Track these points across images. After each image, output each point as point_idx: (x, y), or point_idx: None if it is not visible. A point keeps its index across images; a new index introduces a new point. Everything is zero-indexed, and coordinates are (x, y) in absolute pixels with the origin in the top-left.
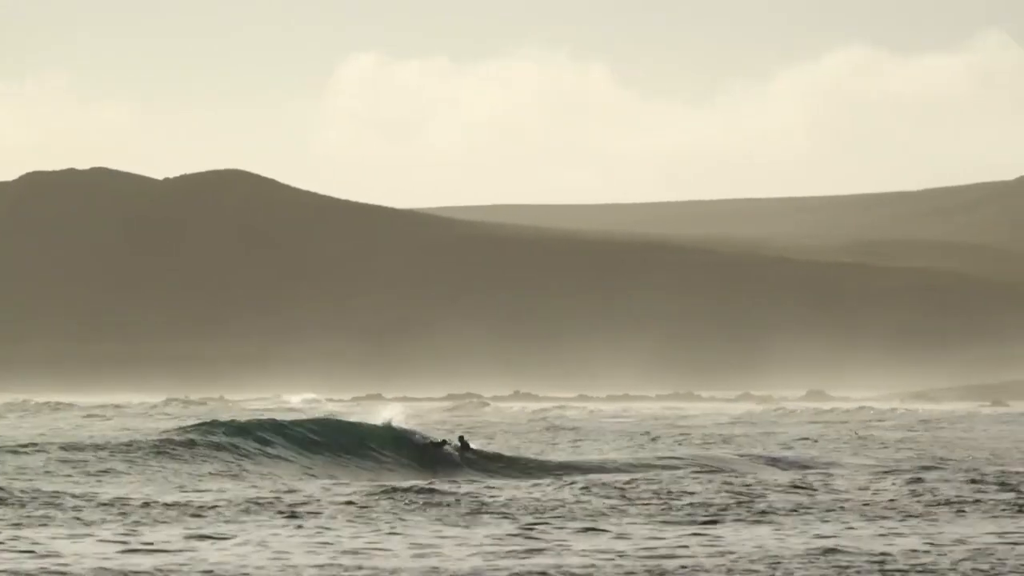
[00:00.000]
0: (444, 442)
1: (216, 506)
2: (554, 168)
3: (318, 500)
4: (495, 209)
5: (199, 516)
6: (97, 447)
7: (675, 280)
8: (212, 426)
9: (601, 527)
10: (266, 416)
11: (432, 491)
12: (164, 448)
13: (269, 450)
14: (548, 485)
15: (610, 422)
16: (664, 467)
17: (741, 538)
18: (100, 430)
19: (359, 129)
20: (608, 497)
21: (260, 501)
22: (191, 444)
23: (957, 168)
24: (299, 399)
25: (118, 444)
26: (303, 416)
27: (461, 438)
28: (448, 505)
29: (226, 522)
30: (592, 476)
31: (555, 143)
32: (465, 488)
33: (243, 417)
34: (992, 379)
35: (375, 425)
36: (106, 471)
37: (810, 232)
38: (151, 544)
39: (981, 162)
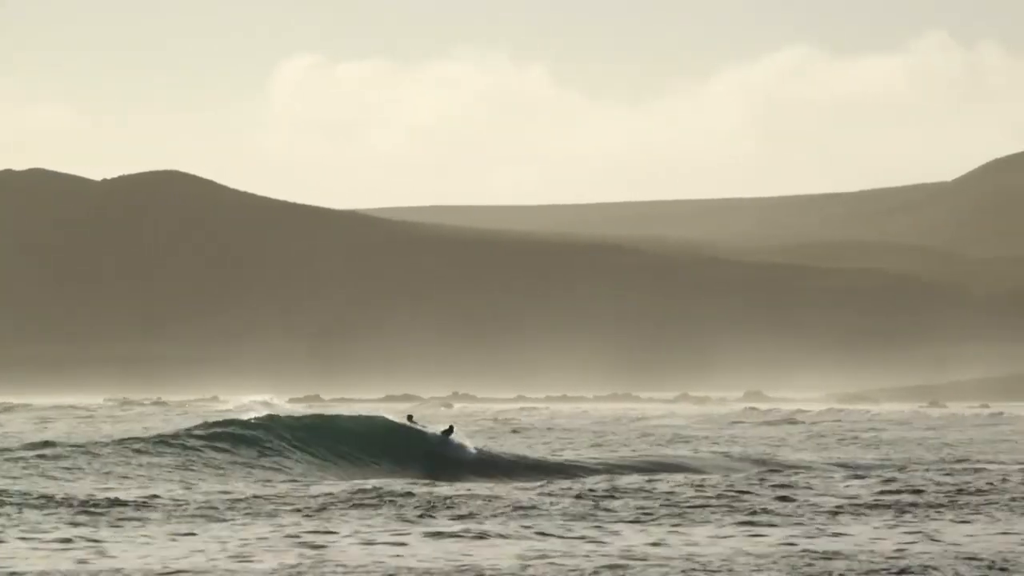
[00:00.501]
0: (450, 428)
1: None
2: (495, 169)
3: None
4: (436, 210)
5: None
6: (148, 442)
7: (615, 281)
8: (226, 424)
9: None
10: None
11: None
12: (195, 445)
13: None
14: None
15: (566, 421)
16: (647, 468)
17: (715, 538)
18: (91, 430)
19: (300, 131)
20: (618, 497)
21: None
22: (203, 440)
23: (896, 169)
24: (249, 400)
25: (164, 439)
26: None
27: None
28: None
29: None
30: (607, 475)
31: (496, 144)
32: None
33: (212, 418)
34: (930, 380)
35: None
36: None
37: (749, 233)
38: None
39: (920, 163)
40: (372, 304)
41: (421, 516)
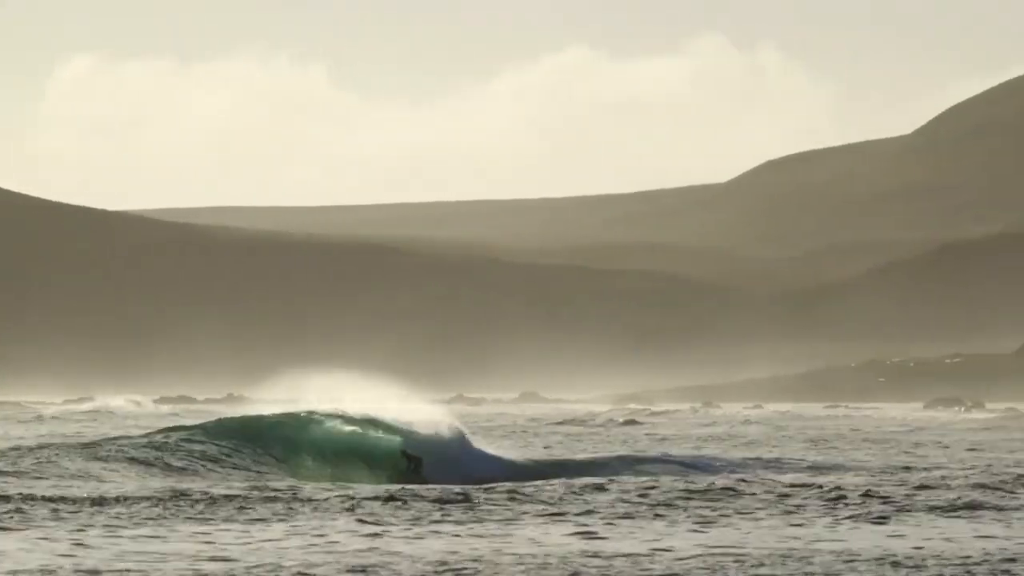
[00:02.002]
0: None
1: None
2: (277, 170)
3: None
4: (219, 211)
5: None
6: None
7: (396, 282)
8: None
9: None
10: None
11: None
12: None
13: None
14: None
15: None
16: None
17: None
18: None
19: (80, 131)
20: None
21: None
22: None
23: (675, 170)
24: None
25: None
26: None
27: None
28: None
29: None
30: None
31: (277, 145)
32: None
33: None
34: (707, 381)
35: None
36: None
37: (529, 234)
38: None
39: (698, 165)
40: (152, 305)
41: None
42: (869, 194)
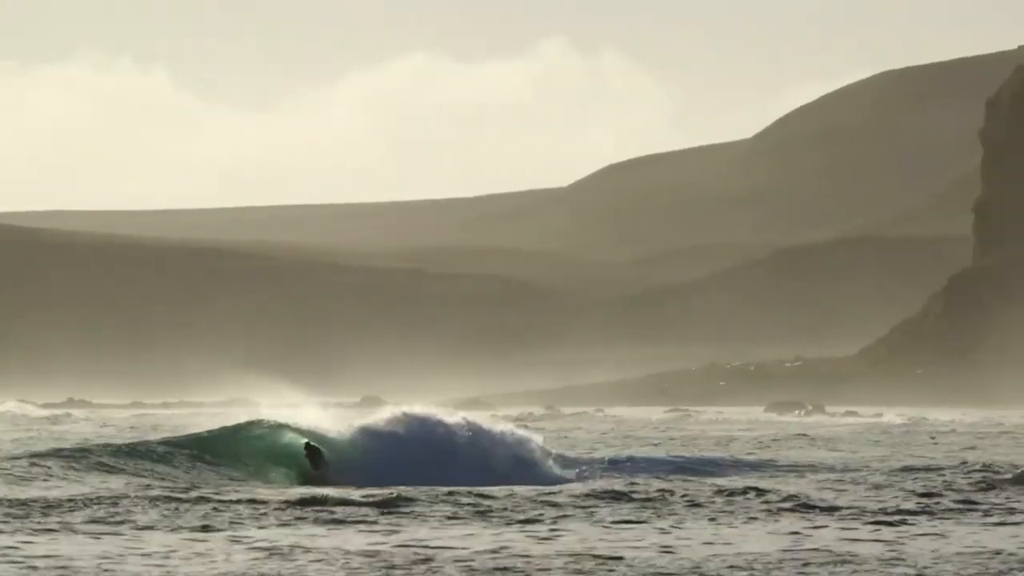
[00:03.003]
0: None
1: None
2: (118, 174)
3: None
4: (58, 215)
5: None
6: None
7: (237, 286)
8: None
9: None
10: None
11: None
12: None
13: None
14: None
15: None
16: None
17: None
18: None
19: None
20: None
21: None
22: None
23: (517, 174)
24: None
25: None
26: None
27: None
28: None
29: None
30: None
31: (117, 148)
32: None
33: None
34: (549, 385)
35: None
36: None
37: (371, 238)
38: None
39: (541, 168)
40: None
41: None
42: (710, 198)
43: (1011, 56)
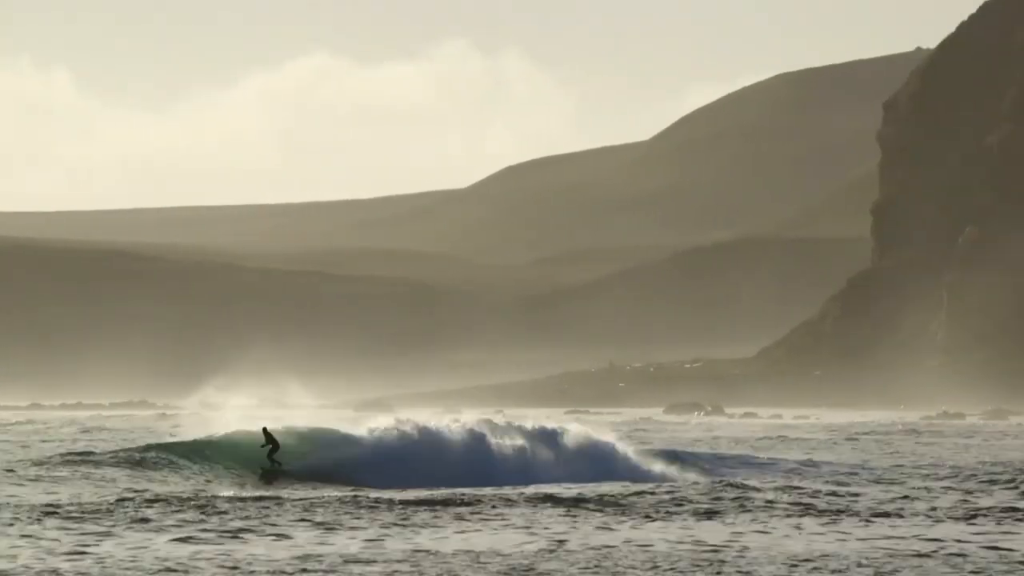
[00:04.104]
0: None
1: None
2: (17, 175)
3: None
4: None
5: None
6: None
7: (134, 287)
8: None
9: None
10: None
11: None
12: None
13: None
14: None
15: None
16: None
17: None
18: None
19: None
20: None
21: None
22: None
23: (416, 175)
24: None
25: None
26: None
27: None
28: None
29: None
30: None
31: (16, 149)
32: None
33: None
34: (449, 386)
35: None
36: None
37: (269, 239)
38: None
39: (440, 170)
40: None
41: None
42: (608, 200)
43: (908, 58)
